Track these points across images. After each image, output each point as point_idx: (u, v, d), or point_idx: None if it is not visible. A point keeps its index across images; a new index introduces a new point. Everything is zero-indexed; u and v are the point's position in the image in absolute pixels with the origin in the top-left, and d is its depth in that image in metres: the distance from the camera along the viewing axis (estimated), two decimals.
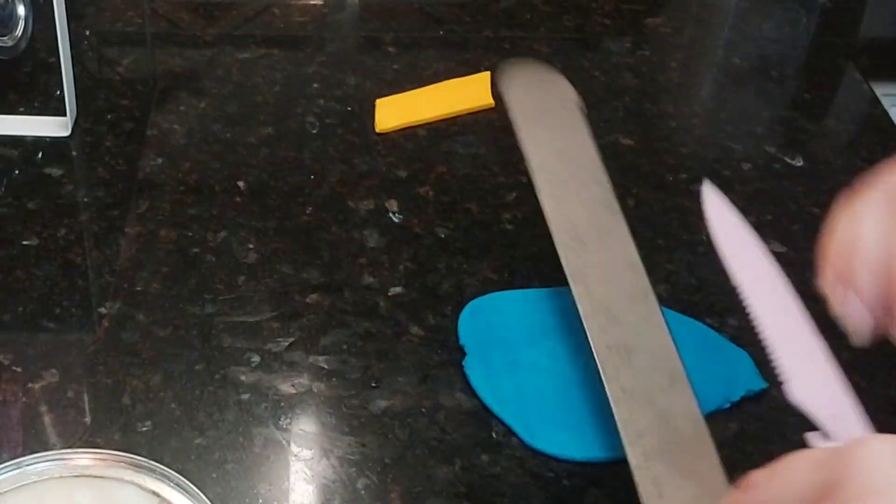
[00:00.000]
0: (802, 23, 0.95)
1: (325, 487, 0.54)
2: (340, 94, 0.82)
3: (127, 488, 0.48)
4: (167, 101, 0.81)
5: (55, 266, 0.66)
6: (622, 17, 0.94)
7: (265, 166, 0.75)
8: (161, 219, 0.70)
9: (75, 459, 0.49)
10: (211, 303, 0.64)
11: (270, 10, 0.93)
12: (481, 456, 0.56)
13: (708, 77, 0.89)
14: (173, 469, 0.53)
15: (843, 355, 0.62)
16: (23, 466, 0.48)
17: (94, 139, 0.77)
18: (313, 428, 0.57)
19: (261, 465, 0.55)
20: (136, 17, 0.91)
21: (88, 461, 0.48)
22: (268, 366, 0.60)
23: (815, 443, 0.44)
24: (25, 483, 0.47)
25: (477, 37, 0.90)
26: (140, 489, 0.48)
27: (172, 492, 0.47)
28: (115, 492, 0.48)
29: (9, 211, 0.70)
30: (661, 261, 0.68)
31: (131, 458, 0.48)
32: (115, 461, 0.48)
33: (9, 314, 0.62)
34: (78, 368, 0.59)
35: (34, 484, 0.47)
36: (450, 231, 0.70)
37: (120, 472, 0.48)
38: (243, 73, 0.84)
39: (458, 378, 0.60)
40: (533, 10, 0.94)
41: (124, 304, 0.63)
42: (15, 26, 0.81)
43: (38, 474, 0.48)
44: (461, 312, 0.62)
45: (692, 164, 0.77)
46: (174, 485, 0.47)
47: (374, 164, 0.75)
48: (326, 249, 0.68)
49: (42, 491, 0.47)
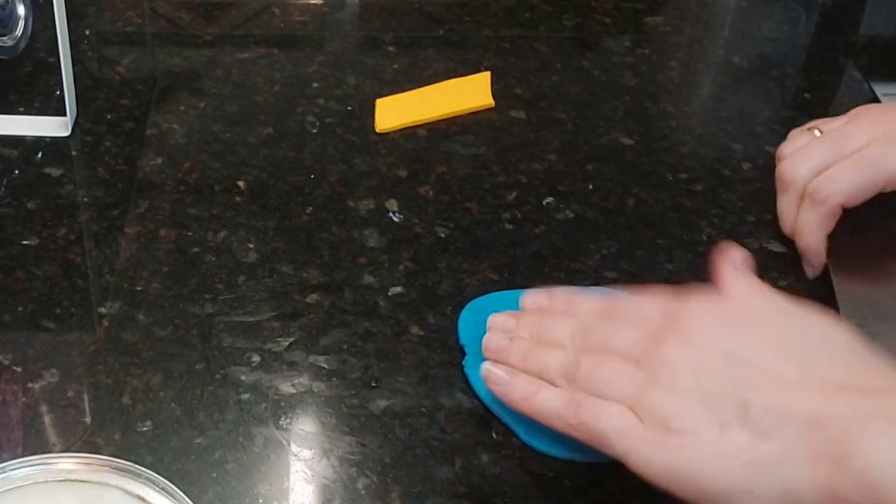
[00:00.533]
0: (802, 22, 0.95)
1: (325, 487, 0.54)
2: (340, 94, 0.82)
3: (112, 493, 0.47)
4: (167, 101, 0.81)
5: (55, 266, 0.66)
6: (622, 17, 0.94)
7: (265, 166, 0.75)
8: (161, 219, 0.70)
9: (60, 464, 0.48)
10: (211, 303, 0.64)
11: (270, 9, 0.93)
12: (481, 456, 0.56)
13: (708, 77, 0.89)
14: (173, 469, 0.53)
15: None
16: (7, 471, 0.47)
17: (94, 139, 0.77)
18: (313, 428, 0.57)
19: (261, 465, 0.55)
20: (136, 17, 0.91)
21: (73, 465, 0.48)
22: (268, 366, 0.60)
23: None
24: (10, 488, 0.47)
25: (477, 37, 0.90)
26: (125, 493, 0.47)
27: (158, 496, 0.47)
28: (100, 496, 0.47)
29: (9, 211, 0.70)
30: (661, 261, 0.68)
31: (116, 463, 0.48)
32: (99, 465, 0.48)
33: (9, 314, 0.62)
34: (78, 368, 0.59)
35: (19, 489, 0.47)
36: (450, 231, 0.70)
37: (105, 476, 0.48)
38: (243, 73, 0.84)
39: (458, 378, 0.60)
40: (533, 9, 0.94)
41: (124, 304, 0.63)
42: (15, 26, 0.81)
43: (22, 479, 0.47)
44: (461, 312, 0.62)
45: (692, 164, 0.77)
46: (160, 489, 0.47)
47: (374, 164, 0.75)
48: (326, 249, 0.68)
49: (27, 496, 0.47)
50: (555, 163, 0.76)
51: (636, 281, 0.66)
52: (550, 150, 0.77)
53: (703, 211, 0.72)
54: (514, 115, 0.81)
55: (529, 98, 0.83)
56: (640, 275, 0.67)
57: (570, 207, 0.72)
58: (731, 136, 0.80)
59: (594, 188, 0.74)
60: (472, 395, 0.59)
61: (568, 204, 0.72)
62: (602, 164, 0.76)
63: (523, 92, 0.83)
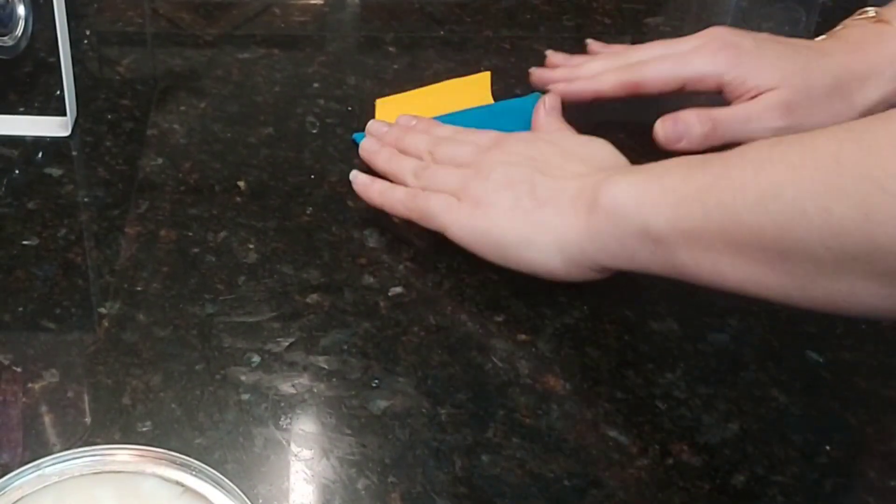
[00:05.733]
0: (802, 22, 0.95)
1: (325, 487, 0.54)
2: (340, 94, 0.82)
3: (149, 481, 0.47)
4: (167, 101, 0.81)
5: (55, 266, 0.66)
6: (622, 17, 0.94)
7: (265, 166, 0.75)
8: (161, 219, 0.70)
9: (93, 457, 0.48)
10: (211, 303, 0.64)
11: (270, 9, 0.93)
12: (481, 456, 0.56)
13: None
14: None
15: (844, 355, 0.63)
16: (42, 468, 0.47)
17: (94, 139, 0.77)
18: (313, 428, 0.57)
19: (261, 465, 0.55)
20: (136, 17, 0.91)
21: (106, 457, 0.48)
22: (268, 366, 0.60)
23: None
24: (45, 485, 0.47)
25: (477, 37, 0.90)
26: (163, 480, 0.47)
27: (197, 480, 0.47)
28: (137, 485, 0.47)
29: (9, 211, 0.70)
30: None
31: (151, 451, 0.48)
32: (133, 455, 0.48)
33: (9, 314, 0.62)
34: (78, 368, 0.59)
35: (55, 485, 0.47)
36: None
37: (141, 465, 0.48)
38: (243, 73, 0.84)
39: (459, 378, 0.60)
40: (533, 10, 0.94)
41: (124, 304, 0.63)
42: (15, 26, 0.81)
43: (58, 475, 0.47)
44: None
45: None
46: (197, 472, 0.47)
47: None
48: (326, 249, 0.68)
49: (62, 492, 0.47)
50: None
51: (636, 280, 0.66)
52: None
53: None
54: None
55: None
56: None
57: None
58: None
59: None
60: (472, 395, 0.59)
61: None
62: None
63: (523, 92, 0.83)
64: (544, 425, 0.57)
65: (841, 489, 0.55)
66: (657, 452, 0.56)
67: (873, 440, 0.58)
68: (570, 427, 0.57)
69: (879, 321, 0.64)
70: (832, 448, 0.57)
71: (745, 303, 0.65)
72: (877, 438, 0.58)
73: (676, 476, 0.55)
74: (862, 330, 0.64)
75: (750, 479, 0.55)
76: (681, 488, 0.54)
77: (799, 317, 0.64)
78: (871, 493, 0.55)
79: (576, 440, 0.57)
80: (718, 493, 0.54)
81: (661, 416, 0.58)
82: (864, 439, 0.58)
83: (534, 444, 0.56)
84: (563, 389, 0.59)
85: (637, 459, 0.56)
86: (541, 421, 0.58)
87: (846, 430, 0.58)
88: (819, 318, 0.65)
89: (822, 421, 0.58)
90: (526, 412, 0.58)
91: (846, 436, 0.58)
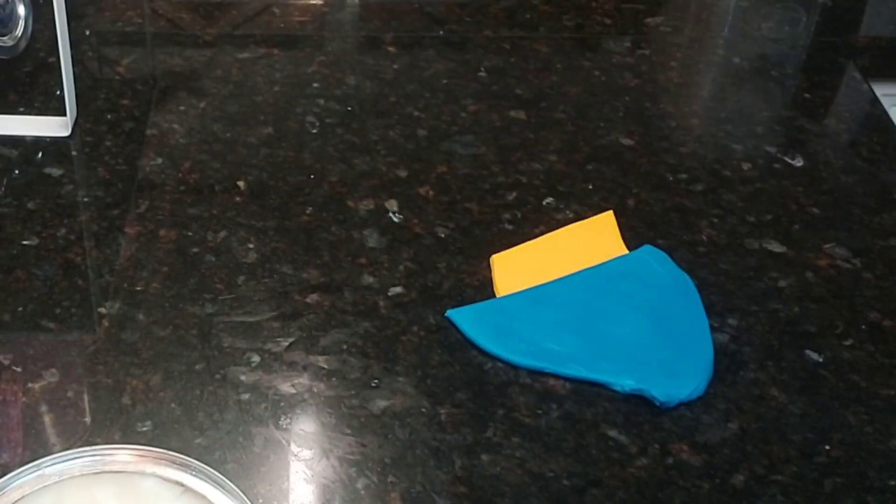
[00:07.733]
0: (803, 22, 0.95)
1: (325, 487, 0.54)
2: (340, 94, 0.82)
3: (148, 480, 0.47)
4: (167, 101, 0.81)
5: (55, 266, 0.66)
6: (622, 17, 0.94)
7: (265, 166, 0.75)
8: (161, 219, 0.70)
9: (93, 456, 0.48)
10: (211, 303, 0.64)
11: (270, 9, 0.93)
12: (481, 456, 0.56)
13: (708, 77, 0.89)
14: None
15: (843, 355, 0.63)
16: (42, 468, 0.47)
17: (94, 139, 0.77)
18: (313, 428, 0.57)
19: (261, 465, 0.55)
20: (136, 17, 0.91)
21: (106, 457, 0.48)
22: (268, 366, 0.60)
23: None
24: (45, 485, 0.47)
25: (477, 37, 0.90)
26: (163, 480, 0.47)
27: (197, 480, 0.47)
28: (137, 485, 0.47)
29: (9, 211, 0.70)
30: None
31: (151, 451, 0.48)
32: (133, 455, 0.48)
33: (9, 314, 0.62)
34: (78, 368, 0.59)
35: (54, 485, 0.47)
36: (450, 231, 0.70)
37: (141, 465, 0.48)
38: (243, 73, 0.84)
39: (458, 378, 0.60)
40: (533, 10, 0.94)
41: (124, 304, 0.63)
42: (15, 26, 0.81)
43: (58, 474, 0.47)
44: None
45: (692, 164, 0.77)
46: (197, 472, 0.47)
47: (374, 164, 0.75)
48: (326, 249, 0.68)
49: (61, 492, 0.47)
50: (555, 163, 0.76)
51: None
52: (550, 150, 0.77)
53: (703, 211, 0.72)
54: (514, 115, 0.81)
55: (529, 98, 0.83)
56: None
57: (570, 207, 0.72)
58: (731, 136, 0.80)
59: (594, 188, 0.74)
60: (471, 394, 0.59)
61: (568, 204, 0.72)
62: (602, 164, 0.76)
63: (523, 92, 0.83)
64: (544, 425, 0.57)
65: (841, 489, 0.55)
66: (657, 452, 0.56)
67: (873, 440, 0.58)
68: (570, 427, 0.57)
69: (879, 321, 0.64)
70: (832, 448, 0.57)
71: (745, 303, 0.65)
72: (876, 438, 0.58)
73: (676, 476, 0.55)
74: (862, 330, 0.64)
75: (749, 479, 0.55)
76: (680, 488, 0.54)
77: (799, 317, 0.64)
78: (870, 493, 0.55)
79: (576, 440, 0.57)
80: (718, 492, 0.54)
81: (660, 416, 0.58)
82: (863, 439, 0.58)
83: (533, 444, 0.56)
84: (562, 389, 0.59)
85: (637, 459, 0.56)
86: (541, 421, 0.58)
87: (846, 429, 0.58)
88: (819, 318, 0.65)
89: (822, 421, 0.59)
90: (526, 412, 0.58)
91: (846, 436, 0.58)
